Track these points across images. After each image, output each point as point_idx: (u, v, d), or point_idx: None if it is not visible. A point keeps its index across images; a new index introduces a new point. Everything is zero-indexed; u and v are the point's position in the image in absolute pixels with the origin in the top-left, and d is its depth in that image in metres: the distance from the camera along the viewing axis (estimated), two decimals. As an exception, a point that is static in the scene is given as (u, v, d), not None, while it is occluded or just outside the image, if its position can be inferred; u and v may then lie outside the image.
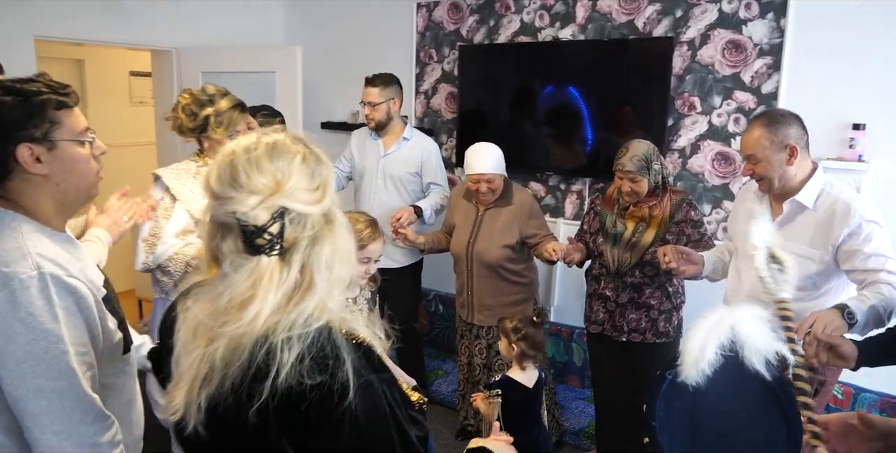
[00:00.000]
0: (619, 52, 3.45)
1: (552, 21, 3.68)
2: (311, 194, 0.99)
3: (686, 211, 2.62)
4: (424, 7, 4.12)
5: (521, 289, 2.94)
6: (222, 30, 4.40)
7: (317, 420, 0.94)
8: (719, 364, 1.23)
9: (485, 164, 2.80)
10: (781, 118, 2.09)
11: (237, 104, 2.42)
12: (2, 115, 1.27)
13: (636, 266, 2.63)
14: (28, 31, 3.58)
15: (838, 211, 2.04)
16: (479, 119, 3.96)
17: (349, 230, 1.06)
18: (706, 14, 3.24)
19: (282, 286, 0.97)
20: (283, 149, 1.00)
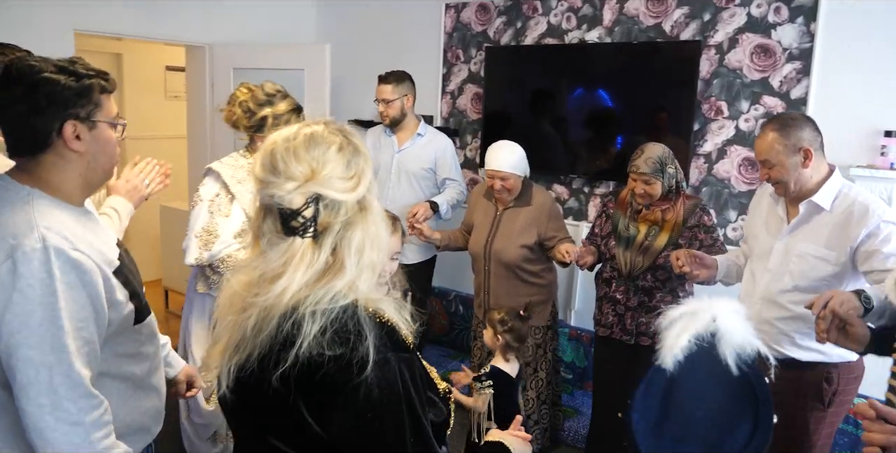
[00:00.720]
0: (646, 55, 3.43)
1: (579, 23, 3.67)
2: (345, 182, 1.05)
3: (699, 216, 2.61)
4: (453, 8, 4.15)
5: (539, 291, 2.93)
6: (255, 27, 4.49)
7: (333, 389, 0.99)
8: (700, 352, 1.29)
9: (501, 161, 2.81)
10: (793, 121, 2.07)
11: (296, 107, 2.41)
12: (56, 92, 1.33)
13: (648, 269, 2.61)
14: (68, 25, 3.70)
15: (856, 212, 2.02)
16: (503, 120, 3.97)
17: (383, 219, 1.11)
18: (734, 18, 3.20)
19: (311, 266, 1.04)
20: (319, 139, 1.06)
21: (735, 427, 1.35)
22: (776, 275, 2.17)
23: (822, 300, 1.72)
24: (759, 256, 2.25)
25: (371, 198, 1.09)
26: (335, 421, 1.01)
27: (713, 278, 2.37)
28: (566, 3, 3.71)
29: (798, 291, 2.10)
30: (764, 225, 2.28)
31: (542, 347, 2.96)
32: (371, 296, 1.08)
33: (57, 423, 1.25)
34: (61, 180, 1.39)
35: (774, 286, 2.16)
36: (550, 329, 2.99)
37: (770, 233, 2.23)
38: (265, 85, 2.42)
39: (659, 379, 1.35)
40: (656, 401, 1.36)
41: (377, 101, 3.40)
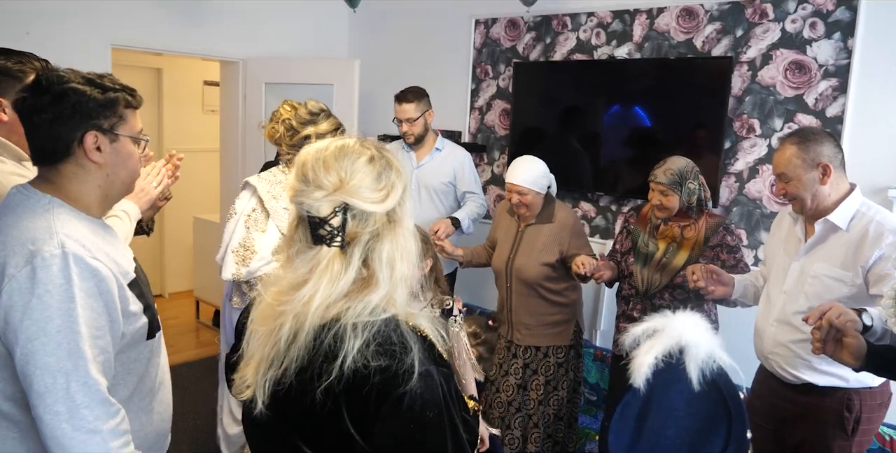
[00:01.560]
0: (676, 71, 3.36)
1: (608, 39, 3.62)
2: (374, 193, 1.06)
3: (722, 235, 2.53)
4: (482, 23, 4.14)
5: (561, 310, 2.86)
6: (289, 42, 4.56)
7: (377, 401, 1.00)
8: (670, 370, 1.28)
9: (519, 176, 2.77)
10: (814, 136, 2.01)
11: (337, 127, 2.41)
12: (81, 102, 1.35)
13: (666, 288, 2.54)
14: (105, 39, 3.81)
15: (871, 232, 1.95)
16: (531, 136, 3.93)
17: (413, 234, 1.12)
18: (768, 33, 3.11)
19: (340, 276, 1.05)
20: (349, 150, 1.09)
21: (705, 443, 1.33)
22: (791, 297, 2.10)
23: (818, 311, 1.68)
24: (776, 277, 2.18)
25: (402, 212, 1.10)
26: (377, 432, 1.01)
27: (728, 296, 2.29)
28: (596, 18, 3.66)
29: None
30: (782, 245, 2.21)
31: (563, 366, 2.89)
32: (410, 310, 1.10)
33: (74, 431, 1.24)
34: (81, 191, 1.41)
35: (790, 307, 2.09)
36: (573, 348, 2.92)
37: (788, 253, 2.16)
38: (308, 103, 2.42)
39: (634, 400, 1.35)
40: (631, 422, 1.35)
41: (398, 120, 3.39)
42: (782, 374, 2.12)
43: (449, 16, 4.27)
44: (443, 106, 4.35)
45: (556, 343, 2.86)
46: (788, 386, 2.10)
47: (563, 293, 2.86)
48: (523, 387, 2.94)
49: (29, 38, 3.54)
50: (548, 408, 2.88)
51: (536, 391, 2.88)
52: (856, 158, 2.93)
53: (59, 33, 3.64)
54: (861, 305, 1.95)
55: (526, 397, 2.88)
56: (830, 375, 2.01)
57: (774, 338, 2.12)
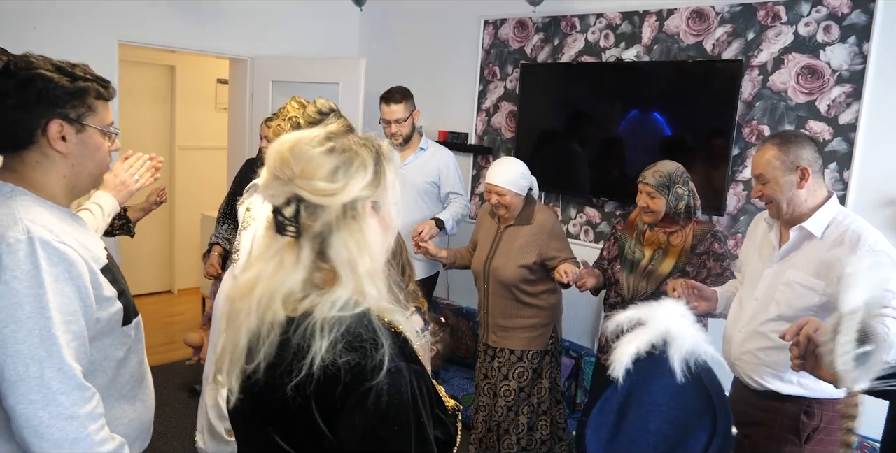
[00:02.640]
0: (685, 74, 3.26)
1: (617, 41, 3.53)
2: (326, 185, 1.03)
3: (710, 243, 2.47)
4: (491, 24, 4.07)
5: (538, 313, 2.79)
6: (299, 41, 4.53)
7: (343, 394, 0.99)
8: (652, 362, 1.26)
9: (498, 176, 2.72)
10: (795, 138, 1.95)
11: (348, 129, 2.37)
12: (47, 88, 1.31)
13: (652, 295, 2.45)
14: (113, 35, 3.81)
15: (847, 240, 1.88)
16: (536, 139, 3.85)
17: (380, 229, 1.10)
18: (780, 37, 3.00)
19: (289, 267, 1.05)
20: (307, 142, 1.06)
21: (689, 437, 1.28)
22: (762, 304, 2.03)
23: (795, 326, 1.61)
24: (749, 283, 2.11)
25: (365, 206, 1.06)
26: (342, 425, 1.00)
27: (712, 311, 2.22)
28: (605, 19, 3.58)
29: (783, 320, 1.95)
30: (757, 250, 2.14)
31: (537, 372, 2.81)
32: (386, 305, 1.08)
33: (52, 419, 1.21)
34: (45, 180, 1.37)
35: (760, 315, 2.02)
36: (549, 354, 2.83)
37: (762, 258, 2.10)
38: (318, 101, 2.35)
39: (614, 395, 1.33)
40: (611, 418, 1.33)
41: (384, 122, 3.35)
42: (748, 381, 2.06)
43: (458, 16, 4.22)
44: (450, 107, 4.30)
45: (531, 347, 2.78)
46: (753, 392, 2.06)
47: (541, 296, 2.79)
48: (496, 394, 2.87)
49: (35, 32, 3.56)
50: (520, 417, 2.80)
51: (505, 397, 2.80)
52: (869, 168, 2.82)
53: (65, 29, 3.65)
54: (831, 314, 1.88)
55: (496, 404, 2.82)
56: (795, 384, 1.96)
57: (742, 344, 2.06)
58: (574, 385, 3.60)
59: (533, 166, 3.83)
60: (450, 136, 4.24)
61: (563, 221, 3.83)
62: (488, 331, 2.87)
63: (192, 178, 5.73)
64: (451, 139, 4.23)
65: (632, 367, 1.30)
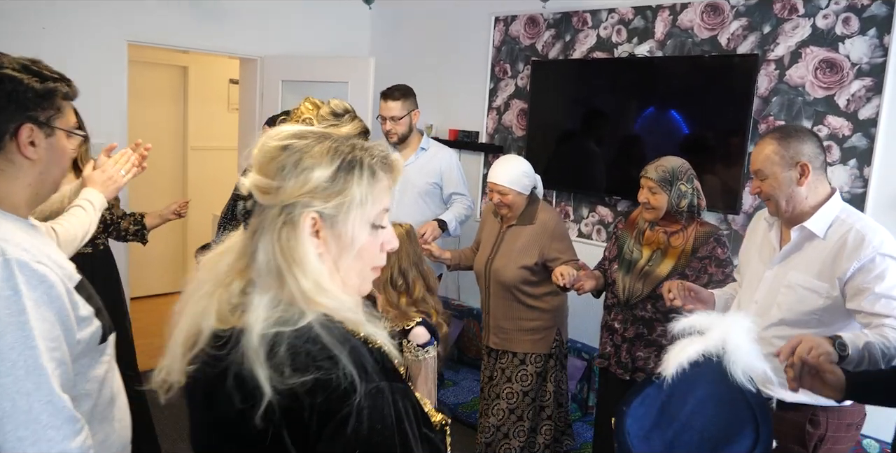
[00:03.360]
0: (699, 69, 3.18)
1: (630, 36, 3.46)
2: (262, 180, 0.96)
3: (712, 247, 2.36)
4: (502, 21, 4.02)
5: (541, 316, 2.72)
6: (311, 40, 4.51)
7: (318, 421, 0.88)
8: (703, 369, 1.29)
9: (500, 175, 2.65)
10: (796, 133, 1.86)
11: (363, 131, 2.26)
12: (18, 91, 1.22)
13: (648, 298, 2.38)
14: (122, 35, 3.81)
15: (850, 241, 1.78)
16: (548, 137, 3.79)
17: (329, 247, 0.97)
18: (797, 30, 2.91)
19: (234, 261, 0.99)
20: (275, 134, 1.00)
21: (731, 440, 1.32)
22: (763, 307, 1.94)
23: (789, 346, 1.55)
24: (749, 285, 2.03)
25: (304, 216, 0.93)
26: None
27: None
28: (617, 15, 3.50)
29: (785, 325, 1.87)
30: (757, 251, 2.05)
31: (542, 376, 2.74)
32: (352, 317, 0.96)
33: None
34: (9, 190, 1.27)
35: (760, 319, 1.91)
36: (553, 357, 2.76)
37: (762, 260, 2.00)
38: (332, 102, 2.29)
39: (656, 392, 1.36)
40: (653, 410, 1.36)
41: (381, 118, 3.30)
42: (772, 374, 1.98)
43: (468, 13, 4.17)
44: (460, 106, 4.25)
45: (534, 350, 2.71)
46: None
47: (543, 298, 2.71)
48: (498, 396, 2.82)
49: (45, 33, 3.56)
50: (522, 422, 2.73)
51: (507, 400, 2.73)
52: (890, 164, 2.72)
53: (75, 29, 3.65)
54: (836, 318, 1.82)
55: (496, 406, 2.75)
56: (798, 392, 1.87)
57: None
58: (587, 387, 3.53)
59: (544, 165, 3.81)
60: (460, 135, 4.19)
61: (575, 220, 3.77)
62: (490, 333, 2.81)
63: (204, 179, 5.73)
64: (462, 138, 4.18)
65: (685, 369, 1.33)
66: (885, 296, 1.70)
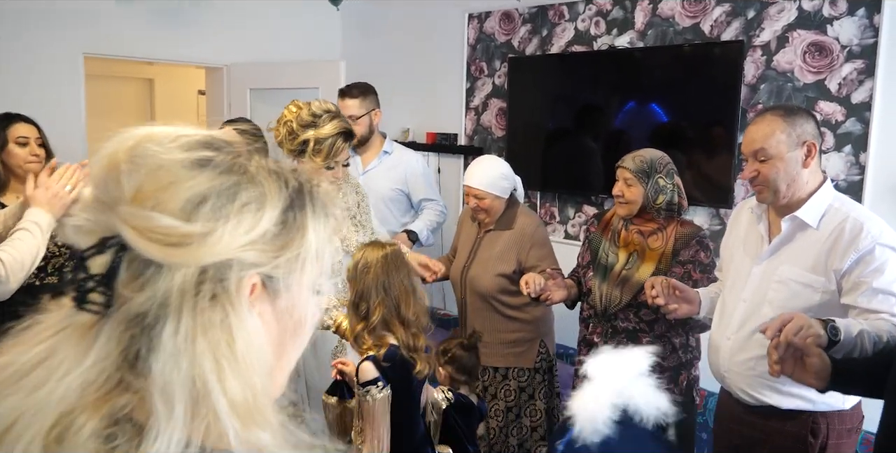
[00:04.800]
0: (681, 59, 3.06)
1: (609, 28, 3.33)
2: (173, 223, 0.54)
3: (695, 250, 2.18)
4: (476, 18, 3.88)
5: (522, 327, 2.54)
6: (279, 46, 4.33)
7: None
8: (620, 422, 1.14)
9: (475, 178, 2.47)
10: (799, 111, 1.74)
11: (344, 131, 2.16)
12: None
13: (629, 307, 2.18)
14: (77, 47, 3.63)
15: (847, 230, 1.65)
16: (528, 136, 3.65)
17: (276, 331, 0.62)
18: (783, 13, 2.79)
19: (70, 370, 0.54)
20: (166, 140, 0.59)
21: None
22: (753, 306, 1.80)
23: (777, 323, 1.43)
24: (734, 282, 1.88)
25: (242, 282, 0.57)
26: None
27: (694, 314, 1.98)
28: (594, 6, 3.38)
29: None
30: (742, 245, 1.90)
31: (525, 392, 2.56)
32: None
33: None
34: None
35: (751, 319, 1.79)
36: (539, 372, 2.58)
37: (748, 254, 1.86)
38: (314, 103, 2.17)
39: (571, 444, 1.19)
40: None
41: None
42: (740, 396, 1.83)
43: (441, 11, 4.02)
44: (437, 107, 4.11)
45: (517, 364, 2.53)
46: (748, 409, 1.82)
47: (524, 308, 2.53)
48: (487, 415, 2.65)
49: (-6, 48, 3.37)
50: (510, 439, 2.56)
51: (496, 418, 2.56)
52: (887, 150, 2.60)
53: (25, 43, 3.47)
54: (833, 315, 1.67)
55: (488, 425, 2.58)
56: (795, 397, 1.73)
57: (731, 354, 1.83)
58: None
59: (526, 164, 3.66)
60: (438, 138, 4.04)
61: (562, 222, 3.62)
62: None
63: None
64: (440, 140, 4.03)
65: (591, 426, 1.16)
66: (883, 291, 1.59)
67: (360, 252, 1.88)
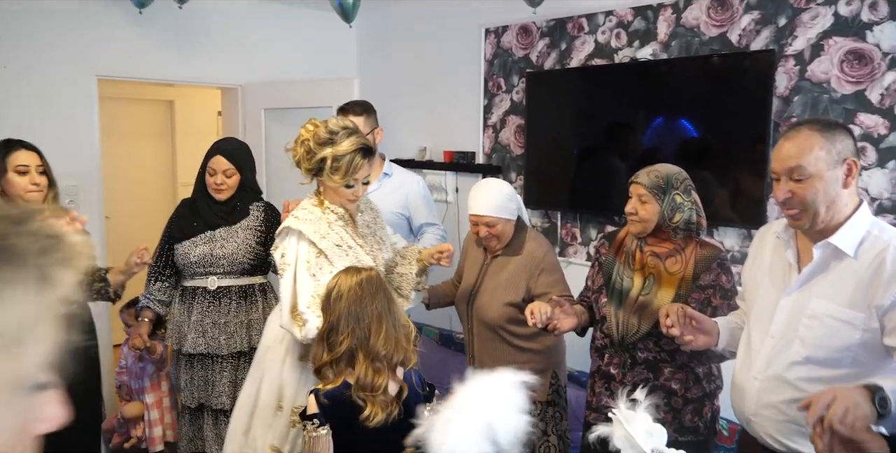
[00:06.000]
0: (708, 71, 2.87)
1: (630, 40, 3.17)
2: None
3: (716, 273, 1.99)
4: (493, 32, 3.75)
5: (532, 358, 2.36)
6: (294, 64, 4.26)
7: None
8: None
9: (482, 204, 2.32)
10: (837, 125, 1.56)
11: (361, 148, 2.06)
12: None
13: (648, 336, 2.00)
14: (91, 70, 3.60)
15: (889, 261, 1.46)
16: (548, 153, 3.49)
17: None
18: (817, 19, 2.60)
19: None
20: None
21: None
22: (782, 343, 1.60)
23: (818, 406, 1.24)
24: (759, 316, 1.68)
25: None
26: None
27: (712, 346, 1.79)
28: (615, 17, 3.22)
29: (812, 364, 1.54)
30: (767, 274, 1.71)
31: (538, 427, 2.38)
32: None
33: None
34: None
35: (779, 357, 1.60)
36: (552, 405, 2.41)
37: (775, 284, 1.67)
38: (330, 121, 2.11)
39: None
40: None
41: None
42: (768, 442, 1.64)
43: (457, 26, 3.91)
44: (454, 126, 3.98)
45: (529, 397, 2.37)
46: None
47: (534, 338, 2.35)
48: None
49: (6, 72, 3.35)
50: None
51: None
52: (937, 164, 2.38)
53: (39, 66, 3.44)
54: (876, 355, 1.49)
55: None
56: None
57: (759, 396, 1.64)
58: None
59: (546, 183, 3.50)
60: (455, 157, 3.90)
61: (583, 243, 3.44)
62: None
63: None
64: (458, 159, 3.89)
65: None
66: None
67: (335, 279, 1.75)
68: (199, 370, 2.62)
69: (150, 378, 2.87)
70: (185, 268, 2.64)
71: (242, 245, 2.64)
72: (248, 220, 2.70)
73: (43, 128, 3.39)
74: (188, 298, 2.63)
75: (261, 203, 2.78)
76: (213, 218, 2.66)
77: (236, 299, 2.65)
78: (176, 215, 2.76)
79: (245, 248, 2.64)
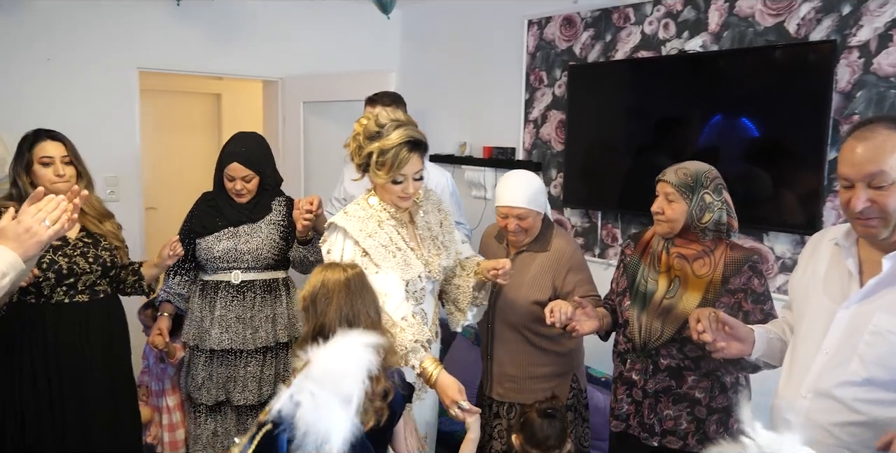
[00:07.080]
0: (762, 63, 2.67)
1: (679, 31, 2.98)
2: None
3: (747, 276, 1.85)
4: (536, 24, 3.61)
5: (554, 361, 2.25)
6: (334, 57, 4.23)
7: None
8: None
9: (515, 196, 2.20)
10: None
11: (410, 141, 1.95)
12: None
13: (672, 341, 1.87)
14: (132, 63, 3.63)
15: None
16: (589, 150, 3.34)
17: None
18: (886, 7, 2.37)
19: None
20: None
21: None
22: (838, 359, 1.45)
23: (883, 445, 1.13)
24: (812, 329, 1.53)
25: None
26: None
27: (746, 355, 1.65)
28: (663, 7, 3.04)
29: (873, 386, 1.39)
30: (822, 283, 1.55)
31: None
32: None
33: None
34: None
35: (833, 374, 1.44)
36: (571, 409, 2.29)
37: (831, 296, 1.51)
38: (381, 114, 2.01)
39: None
40: None
41: None
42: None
43: (499, 17, 3.79)
44: (494, 120, 3.87)
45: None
46: None
47: (558, 339, 2.24)
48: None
49: (50, 64, 3.41)
50: None
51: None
52: None
53: (81, 59, 3.49)
54: None
55: None
56: None
57: (808, 415, 1.48)
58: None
59: (586, 181, 3.35)
60: (495, 152, 3.79)
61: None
62: (492, 382, 2.35)
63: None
64: (497, 155, 3.77)
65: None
66: None
67: (319, 275, 1.60)
68: (218, 366, 2.59)
69: (170, 380, 2.84)
70: (207, 263, 2.61)
71: (266, 240, 2.60)
72: (271, 216, 2.65)
73: (85, 119, 3.44)
74: (210, 293, 2.60)
75: (282, 197, 2.73)
76: (236, 215, 2.62)
77: (261, 293, 2.60)
78: (196, 210, 2.71)
79: (269, 244, 2.60)
